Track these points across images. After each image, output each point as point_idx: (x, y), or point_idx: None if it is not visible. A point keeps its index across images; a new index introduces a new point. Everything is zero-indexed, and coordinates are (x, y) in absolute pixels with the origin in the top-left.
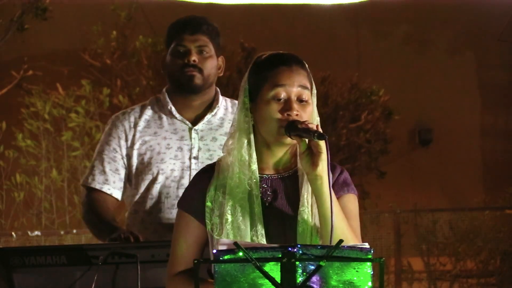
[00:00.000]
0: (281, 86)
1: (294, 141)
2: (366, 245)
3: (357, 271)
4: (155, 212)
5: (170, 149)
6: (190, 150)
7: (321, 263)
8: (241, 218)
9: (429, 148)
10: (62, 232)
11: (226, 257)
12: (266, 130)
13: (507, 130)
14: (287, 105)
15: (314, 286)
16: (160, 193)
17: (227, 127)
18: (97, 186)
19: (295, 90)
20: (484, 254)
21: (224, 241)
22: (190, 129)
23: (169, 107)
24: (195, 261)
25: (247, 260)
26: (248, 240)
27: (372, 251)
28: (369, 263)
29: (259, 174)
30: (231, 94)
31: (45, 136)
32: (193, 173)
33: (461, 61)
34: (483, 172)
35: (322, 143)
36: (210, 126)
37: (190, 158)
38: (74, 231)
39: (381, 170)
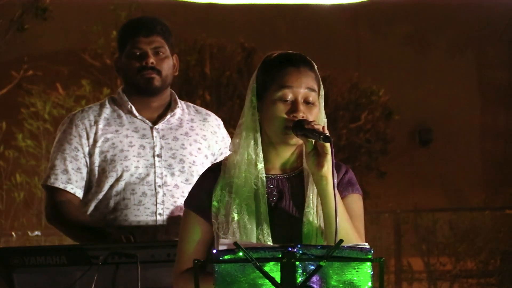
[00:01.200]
0: (288, 87)
1: (300, 142)
2: (366, 245)
3: (357, 271)
4: (121, 209)
5: (133, 147)
6: (153, 148)
7: (321, 263)
8: (247, 217)
9: (429, 148)
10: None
11: (226, 257)
12: (272, 130)
13: (507, 130)
14: (293, 107)
15: (314, 286)
16: (125, 190)
17: (186, 127)
18: (61, 186)
19: (302, 92)
20: (484, 254)
21: (224, 241)
22: (151, 128)
23: (129, 107)
24: (195, 261)
25: (247, 260)
26: (254, 239)
27: (372, 251)
28: (369, 263)
29: (265, 174)
30: (231, 94)
31: (45, 136)
32: (157, 170)
33: (461, 61)
34: (483, 172)
35: (328, 145)
36: (170, 126)
37: (153, 156)
38: None
39: (381, 170)
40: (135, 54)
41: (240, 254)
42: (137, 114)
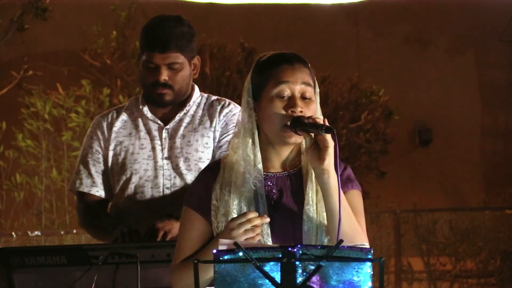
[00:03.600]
0: (284, 83)
1: (299, 140)
2: (366, 245)
3: (357, 271)
4: (131, 212)
5: (143, 149)
6: (162, 150)
7: (321, 263)
8: None
9: (429, 148)
10: (62, 232)
11: (226, 257)
12: (270, 128)
13: (507, 130)
14: (291, 102)
15: (314, 286)
16: (135, 193)
17: (196, 123)
18: (86, 190)
19: (298, 87)
20: (484, 254)
21: (224, 241)
22: (161, 129)
23: (141, 107)
24: (195, 261)
25: (247, 260)
26: None
27: (372, 251)
28: (369, 263)
29: (264, 172)
30: (231, 94)
31: (45, 136)
32: (166, 172)
33: (461, 61)
34: (483, 172)
35: (329, 138)
36: (180, 124)
37: (162, 158)
38: (74, 231)
39: (381, 170)
40: (149, 68)
41: (240, 254)
42: (149, 115)
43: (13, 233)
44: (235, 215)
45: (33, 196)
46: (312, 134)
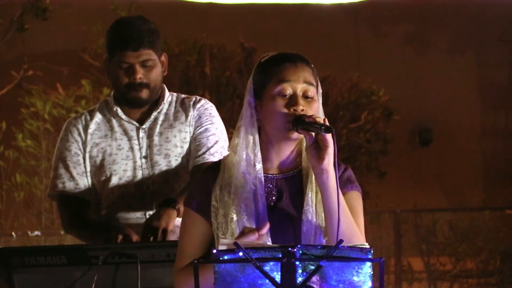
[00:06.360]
0: (286, 81)
1: (300, 138)
2: (366, 245)
3: (357, 271)
4: (112, 213)
5: (121, 150)
6: (140, 149)
7: (321, 263)
8: (246, 217)
9: (429, 148)
10: (62, 232)
11: (226, 257)
12: (272, 126)
13: (507, 130)
14: (293, 100)
15: (314, 286)
16: (114, 193)
17: (171, 120)
18: (70, 193)
19: (300, 86)
20: (484, 254)
21: (224, 241)
22: (138, 129)
23: (114, 109)
24: (195, 261)
25: (247, 260)
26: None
27: (372, 251)
28: (369, 263)
29: (264, 174)
30: (231, 94)
31: (45, 136)
32: (145, 172)
33: (461, 61)
34: (483, 172)
35: (329, 137)
36: (156, 122)
37: (141, 158)
38: None
39: (381, 170)
40: (123, 68)
41: (240, 254)
42: (123, 116)
43: (13, 233)
44: (234, 216)
45: (33, 196)
46: (313, 133)
